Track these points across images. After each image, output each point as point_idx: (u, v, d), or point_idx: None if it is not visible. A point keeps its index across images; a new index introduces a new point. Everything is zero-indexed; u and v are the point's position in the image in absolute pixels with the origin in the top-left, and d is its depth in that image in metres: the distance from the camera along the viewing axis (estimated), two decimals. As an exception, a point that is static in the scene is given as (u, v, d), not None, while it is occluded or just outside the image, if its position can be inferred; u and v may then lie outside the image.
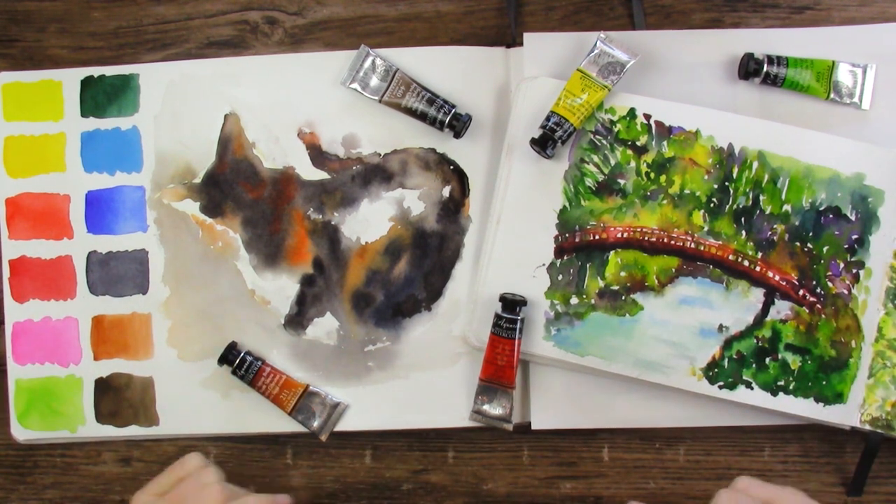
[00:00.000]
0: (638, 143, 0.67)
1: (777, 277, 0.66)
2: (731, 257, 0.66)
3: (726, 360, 0.66)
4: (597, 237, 0.66)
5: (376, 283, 0.69)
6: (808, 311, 0.66)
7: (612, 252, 0.66)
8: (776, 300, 0.66)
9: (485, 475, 0.70)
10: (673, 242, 0.66)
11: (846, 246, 0.66)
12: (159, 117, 0.71)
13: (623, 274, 0.66)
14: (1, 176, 0.71)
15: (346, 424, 0.69)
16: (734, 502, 0.54)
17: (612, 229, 0.66)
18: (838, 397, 0.66)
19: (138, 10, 0.73)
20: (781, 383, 0.66)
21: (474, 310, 0.67)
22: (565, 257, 0.67)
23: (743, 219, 0.66)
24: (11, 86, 0.71)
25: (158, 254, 0.70)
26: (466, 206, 0.69)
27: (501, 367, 0.65)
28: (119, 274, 0.70)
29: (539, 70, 0.68)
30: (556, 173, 0.67)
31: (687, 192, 0.66)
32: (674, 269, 0.66)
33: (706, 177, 0.66)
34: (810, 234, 0.66)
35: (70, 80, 0.71)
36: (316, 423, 0.68)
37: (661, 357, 0.66)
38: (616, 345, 0.66)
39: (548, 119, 0.65)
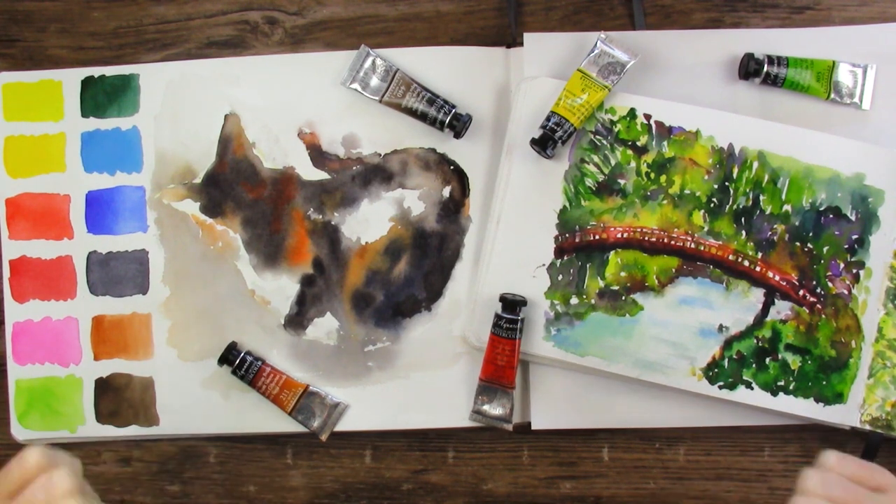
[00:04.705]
0: (638, 144, 0.67)
1: (777, 277, 0.66)
2: (731, 257, 0.66)
3: (726, 361, 0.66)
4: (597, 237, 0.66)
5: (376, 283, 0.69)
6: (808, 311, 0.66)
7: (612, 252, 0.66)
8: (776, 300, 0.66)
9: (485, 475, 0.70)
10: (673, 242, 0.66)
11: (846, 246, 0.66)
12: (159, 117, 0.71)
13: (623, 274, 0.66)
14: (1, 176, 0.71)
15: (346, 424, 0.69)
16: (826, 484, 0.50)
17: (612, 229, 0.66)
18: (838, 397, 0.66)
19: (138, 10, 0.73)
20: (781, 383, 0.66)
21: (474, 310, 0.67)
22: (565, 257, 0.67)
23: (743, 219, 0.66)
24: (11, 86, 0.71)
25: (158, 254, 0.70)
26: (466, 206, 0.69)
27: (501, 367, 0.65)
28: (119, 274, 0.70)
29: (539, 70, 0.68)
30: (556, 173, 0.67)
31: (687, 192, 0.66)
32: (674, 269, 0.66)
33: (706, 177, 0.66)
34: (810, 234, 0.66)
35: (70, 80, 0.71)
36: (316, 423, 0.68)
37: (661, 357, 0.66)
38: (616, 345, 0.66)
39: (548, 119, 0.65)
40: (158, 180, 0.70)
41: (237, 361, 0.67)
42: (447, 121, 0.67)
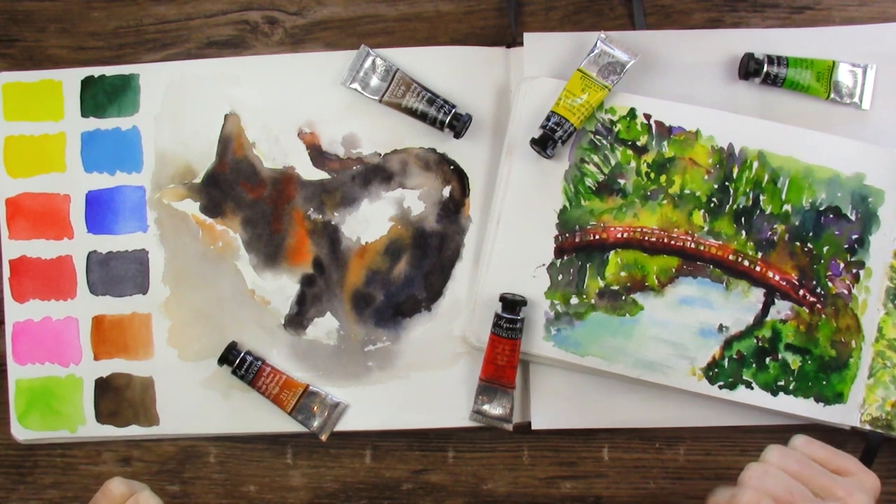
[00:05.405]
0: (638, 143, 0.67)
1: (777, 277, 0.66)
2: (731, 257, 0.66)
3: (726, 360, 0.66)
4: (597, 237, 0.66)
5: (376, 283, 0.69)
6: (808, 311, 0.66)
7: (612, 252, 0.66)
8: (776, 300, 0.66)
9: (485, 475, 0.70)
10: (673, 242, 0.66)
11: (846, 246, 0.66)
12: (159, 117, 0.71)
13: (623, 274, 0.66)
14: (1, 176, 0.71)
15: (346, 424, 0.69)
16: (783, 456, 0.53)
17: (612, 229, 0.66)
18: (838, 397, 0.66)
19: (138, 10, 0.73)
20: (781, 383, 0.66)
21: (474, 310, 0.67)
22: (565, 257, 0.67)
23: (743, 219, 0.66)
24: (11, 86, 0.71)
25: (158, 254, 0.70)
26: (466, 206, 0.69)
27: (501, 367, 0.65)
28: (119, 274, 0.70)
29: (539, 70, 0.68)
30: (556, 173, 0.67)
31: (687, 192, 0.66)
32: (674, 269, 0.66)
33: (706, 177, 0.66)
34: (810, 234, 0.66)
35: (70, 80, 0.71)
36: (316, 423, 0.68)
37: (661, 357, 0.66)
38: (616, 345, 0.66)
39: (548, 119, 0.65)
40: (158, 180, 0.70)
41: (237, 361, 0.67)
42: (447, 121, 0.67)
